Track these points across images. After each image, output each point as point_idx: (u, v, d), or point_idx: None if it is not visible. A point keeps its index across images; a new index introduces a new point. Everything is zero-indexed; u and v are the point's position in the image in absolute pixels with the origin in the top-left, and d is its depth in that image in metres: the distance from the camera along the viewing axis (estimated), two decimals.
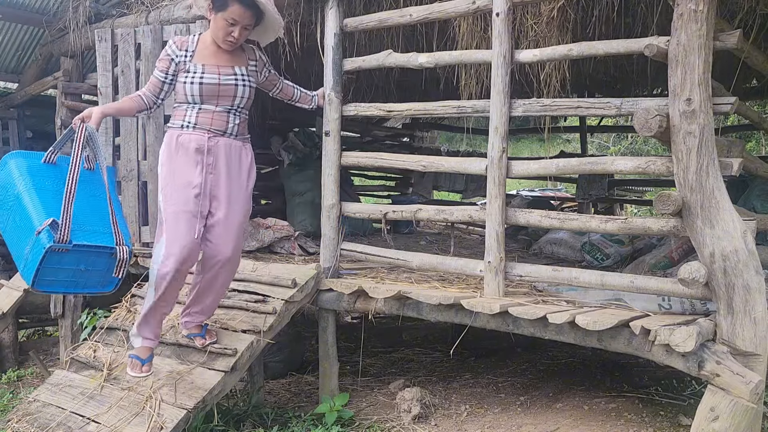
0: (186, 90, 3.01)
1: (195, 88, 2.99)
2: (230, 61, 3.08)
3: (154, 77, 3.06)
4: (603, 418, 3.11)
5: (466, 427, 3.22)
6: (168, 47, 3.06)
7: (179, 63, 3.03)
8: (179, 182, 2.97)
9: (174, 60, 3.03)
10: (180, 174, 2.98)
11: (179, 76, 3.03)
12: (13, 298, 5.35)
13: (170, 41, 3.07)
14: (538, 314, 2.77)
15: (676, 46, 2.53)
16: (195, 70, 3.01)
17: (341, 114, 3.63)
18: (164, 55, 3.05)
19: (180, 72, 3.03)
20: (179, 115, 3.06)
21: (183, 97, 3.04)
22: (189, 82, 2.99)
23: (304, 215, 5.75)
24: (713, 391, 2.45)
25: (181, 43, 3.05)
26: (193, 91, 2.99)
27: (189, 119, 3.02)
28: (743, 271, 2.44)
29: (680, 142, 2.53)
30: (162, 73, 3.05)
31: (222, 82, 3.02)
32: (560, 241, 5.24)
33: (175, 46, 3.04)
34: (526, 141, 15.16)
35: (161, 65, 3.05)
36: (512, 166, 3.10)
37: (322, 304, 3.66)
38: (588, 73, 5.70)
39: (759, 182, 4.34)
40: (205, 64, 3.02)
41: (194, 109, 3.02)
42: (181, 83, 3.02)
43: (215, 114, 3.03)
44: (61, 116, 5.17)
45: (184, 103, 3.05)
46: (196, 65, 3.02)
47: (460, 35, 3.58)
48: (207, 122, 3.02)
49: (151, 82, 3.07)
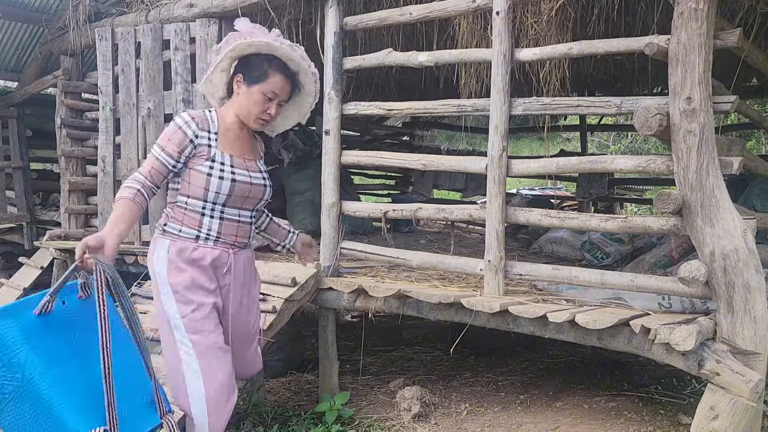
0: (210, 185, 2.33)
1: (226, 185, 2.35)
2: (253, 152, 2.52)
3: (160, 161, 2.30)
4: (603, 417, 3.11)
5: (466, 425, 3.22)
6: (184, 123, 2.33)
7: (198, 146, 2.35)
8: (202, 309, 2.35)
9: (194, 142, 2.34)
10: (199, 298, 2.35)
11: (195, 163, 2.34)
12: (13, 297, 5.36)
13: (184, 116, 2.36)
14: (538, 313, 2.77)
15: (677, 45, 2.53)
16: (223, 161, 2.36)
17: (341, 113, 3.63)
18: (177, 132, 2.32)
19: (198, 158, 2.34)
20: (192, 221, 2.37)
21: (199, 192, 2.35)
22: (217, 176, 2.33)
23: (304, 214, 5.76)
24: (713, 390, 2.45)
25: (200, 120, 2.36)
26: (221, 188, 2.34)
27: (210, 229, 2.38)
28: (743, 269, 2.43)
29: (680, 141, 2.53)
30: (172, 157, 2.31)
31: (253, 181, 2.44)
32: (560, 240, 5.24)
33: (194, 124, 2.34)
34: (526, 140, 15.15)
35: (172, 147, 2.30)
36: (512, 164, 3.10)
37: (322, 302, 3.66)
38: (588, 72, 5.70)
39: (759, 181, 4.34)
40: (233, 154, 2.41)
41: (215, 214, 2.38)
42: (203, 174, 2.33)
43: (240, 223, 2.45)
44: (61, 115, 5.18)
45: (199, 201, 2.36)
46: (223, 155, 2.37)
47: (460, 34, 3.58)
48: (232, 234, 2.42)
49: (154, 168, 2.30)
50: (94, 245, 1.99)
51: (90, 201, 5.24)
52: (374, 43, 4.49)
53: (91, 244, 1.98)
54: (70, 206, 5.18)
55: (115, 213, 2.17)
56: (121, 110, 4.65)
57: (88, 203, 5.26)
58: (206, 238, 2.37)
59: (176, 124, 2.34)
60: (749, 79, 5.75)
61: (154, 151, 2.32)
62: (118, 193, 2.25)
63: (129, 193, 2.22)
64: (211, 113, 2.43)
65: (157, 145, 2.33)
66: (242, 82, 2.39)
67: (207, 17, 4.22)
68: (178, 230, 2.37)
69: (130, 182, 2.26)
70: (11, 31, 5.54)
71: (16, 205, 6.19)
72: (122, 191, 2.23)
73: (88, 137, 5.23)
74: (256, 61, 2.38)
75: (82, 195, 5.27)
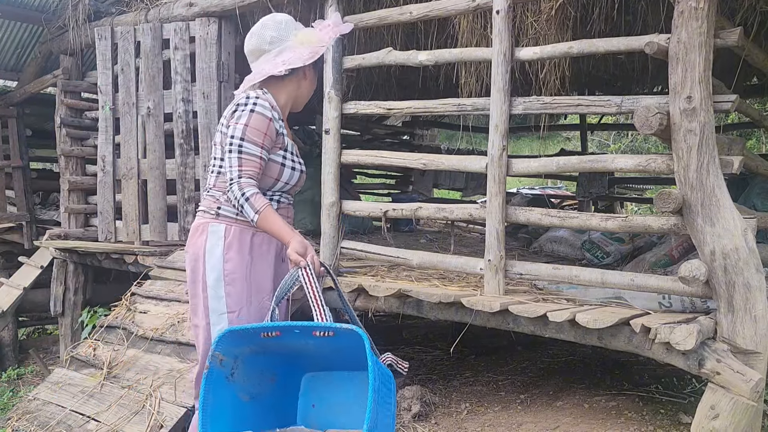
0: (283, 175, 2.30)
1: (295, 176, 2.35)
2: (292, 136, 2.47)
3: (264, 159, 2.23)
4: (603, 416, 3.11)
5: (466, 425, 3.21)
6: (270, 113, 2.25)
7: (278, 136, 2.29)
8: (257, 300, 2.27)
9: (278, 130, 2.28)
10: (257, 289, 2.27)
11: (272, 152, 2.28)
12: (13, 297, 5.37)
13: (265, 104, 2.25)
14: (538, 312, 2.76)
15: (677, 44, 2.52)
16: (292, 150, 2.34)
17: (341, 112, 3.62)
18: (270, 125, 2.23)
19: (276, 147, 2.29)
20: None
21: (269, 182, 2.29)
22: (290, 166, 2.31)
23: (303, 213, 5.75)
24: (713, 389, 2.44)
25: (270, 103, 2.29)
26: (292, 179, 2.33)
27: None
28: (744, 269, 2.43)
29: (681, 140, 2.53)
30: (269, 152, 2.26)
31: (303, 169, 2.42)
32: (560, 239, 5.24)
33: (275, 112, 2.28)
34: (526, 139, 15.12)
35: (269, 141, 2.24)
36: (512, 164, 3.10)
37: None
38: (588, 71, 5.69)
39: (759, 180, 4.33)
40: (291, 141, 2.38)
41: (274, 198, 2.34)
42: (277, 164, 2.29)
43: (290, 206, 2.42)
44: (60, 114, 5.18)
45: (264, 190, 2.28)
46: (291, 144, 2.35)
47: (460, 33, 3.58)
48: (286, 217, 2.36)
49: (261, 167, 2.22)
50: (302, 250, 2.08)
51: (90, 200, 5.24)
52: (374, 42, 4.48)
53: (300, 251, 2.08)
54: (69, 205, 5.18)
55: (275, 223, 2.14)
56: (121, 109, 4.65)
57: (87, 203, 5.26)
58: None
59: (264, 115, 2.23)
60: (749, 78, 5.74)
61: (254, 150, 2.20)
62: (251, 206, 2.14)
63: (263, 200, 2.17)
64: (268, 96, 2.32)
65: (253, 142, 2.20)
66: (310, 67, 2.40)
67: (207, 16, 4.21)
68: (235, 214, 2.25)
69: (251, 189, 2.15)
70: (11, 30, 5.54)
71: (15, 205, 6.19)
72: (256, 200, 2.14)
73: (87, 136, 5.22)
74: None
75: (82, 194, 5.27)
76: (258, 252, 2.27)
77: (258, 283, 2.27)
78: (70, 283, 5.08)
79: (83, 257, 4.95)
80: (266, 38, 2.35)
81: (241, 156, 2.19)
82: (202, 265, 2.24)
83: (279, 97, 2.36)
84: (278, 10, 3.82)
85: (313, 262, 2.10)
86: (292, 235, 2.13)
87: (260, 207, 2.14)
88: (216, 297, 2.22)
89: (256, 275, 2.26)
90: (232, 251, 2.22)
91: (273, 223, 2.14)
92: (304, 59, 2.31)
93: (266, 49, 2.35)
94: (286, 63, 2.29)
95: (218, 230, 2.24)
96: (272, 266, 2.32)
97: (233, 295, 2.22)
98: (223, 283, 2.21)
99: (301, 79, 2.40)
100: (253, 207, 2.14)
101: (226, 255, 2.22)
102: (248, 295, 2.24)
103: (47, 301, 5.20)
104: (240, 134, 2.20)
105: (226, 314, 2.21)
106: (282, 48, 2.32)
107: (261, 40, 2.35)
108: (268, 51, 2.34)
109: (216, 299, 2.22)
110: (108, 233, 4.76)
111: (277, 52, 2.32)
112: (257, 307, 2.25)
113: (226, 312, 2.21)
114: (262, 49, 2.35)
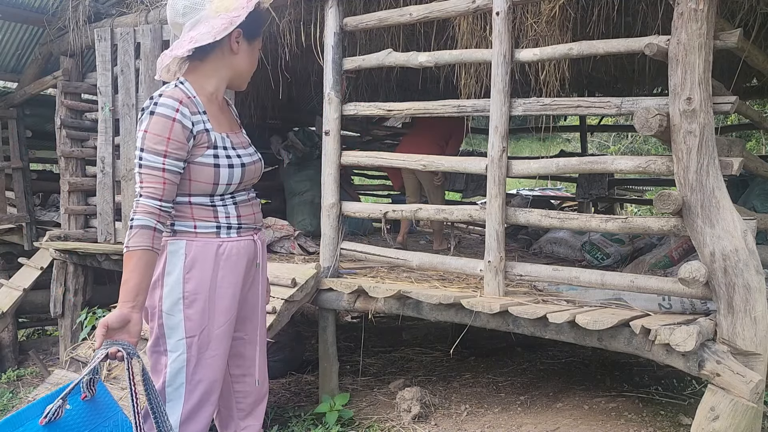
0: (220, 177, 1.95)
1: (237, 174, 1.99)
2: (236, 122, 2.15)
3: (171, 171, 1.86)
4: (603, 418, 3.11)
5: (466, 426, 3.21)
6: (175, 112, 1.86)
7: (197, 134, 1.92)
8: (223, 320, 1.99)
9: (192, 132, 1.90)
10: (223, 308, 1.99)
11: (195, 155, 1.92)
12: (12, 298, 5.37)
13: (168, 101, 1.87)
14: (538, 314, 2.76)
15: (677, 45, 2.52)
16: (225, 145, 1.97)
17: (341, 113, 3.62)
18: (174, 126, 1.85)
19: (197, 148, 1.92)
20: (206, 215, 1.97)
21: (206, 189, 1.96)
22: (225, 165, 1.95)
23: (303, 215, 5.76)
24: (713, 391, 2.44)
25: (186, 101, 1.91)
26: (233, 178, 1.98)
27: (230, 218, 2.01)
28: (743, 270, 2.43)
29: (680, 142, 2.53)
30: (180, 160, 1.88)
31: (254, 159, 2.09)
32: (560, 241, 5.24)
33: (185, 108, 1.89)
34: (526, 140, 15.15)
35: (175, 146, 1.85)
36: (512, 165, 3.10)
37: (322, 303, 3.66)
38: (588, 73, 5.70)
39: (759, 181, 4.34)
40: (228, 133, 2.02)
41: (227, 201, 2.01)
42: (208, 166, 1.93)
43: (251, 200, 2.12)
44: (60, 115, 5.18)
45: (206, 197, 1.97)
46: (223, 137, 1.98)
47: (460, 34, 3.58)
48: (251, 217, 2.09)
49: (167, 183, 1.85)
50: (117, 327, 1.67)
51: (90, 201, 5.23)
52: (374, 44, 4.49)
53: (114, 326, 1.66)
54: (69, 207, 5.18)
55: (132, 274, 1.76)
56: (121, 111, 4.65)
57: (87, 204, 5.25)
58: (229, 228, 2.00)
59: (165, 116, 1.85)
60: (749, 79, 5.75)
61: (154, 162, 1.83)
62: (128, 237, 1.80)
63: (145, 240, 1.79)
64: (185, 86, 1.95)
65: (152, 151, 1.83)
66: (242, 39, 1.98)
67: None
68: (194, 226, 1.95)
69: (141, 218, 1.80)
70: (11, 31, 5.53)
71: (15, 206, 6.18)
72: (136, 236, 1.79)
73: (87, 138, 5.22)
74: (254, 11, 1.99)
75: (82, 195, 5.26)
76: (226, 264, 1.98)
77: (222, 302, 1.99)
78: (69, 285, 5.08)
79: (83, 258, 4.95)
80: (178, 8, 1.96)
81: (141, 171, 1.85)
82: (159, 288, 1.95)
83: (206, 82, 1.99)
84: (278, 12, 3.85)
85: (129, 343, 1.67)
86: (124, 304, 1.73)
87: (133, 245, 1.78)
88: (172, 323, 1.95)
89: (221, 291, 1.98)
90: (195, 269, 1.94)
91: (131, 270, 1.76)
92: (215, 33, 1.91)
93: (180, 22, 1.97)
94: (194, 40, 1.91)
95: (178, 248, 1.94)
96: (242, 276, 2.03)
97: (193, 319, 1.95)
98: (182, 306, 1.94)
99: (229, 55, 1.99)
100: (128, 238, 1.81)
101: (186, 275, 1.93)
102: (210, 317, 1.97)
103: (47, 303, 5.20)
104: (140, 144, 1.86)
105: (184, 339, 1.94)
106: (197, 19, 1.95)
107: (174, 11, 1.98)
108: (182, 24, 1.97)
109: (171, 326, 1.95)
110: (108, 234, 4.77)
111: (191, 25, 1.96)
112: (222, 331, 2.00)
113: (184, 338, 1.94)
114: (176, 22, 1.99)
